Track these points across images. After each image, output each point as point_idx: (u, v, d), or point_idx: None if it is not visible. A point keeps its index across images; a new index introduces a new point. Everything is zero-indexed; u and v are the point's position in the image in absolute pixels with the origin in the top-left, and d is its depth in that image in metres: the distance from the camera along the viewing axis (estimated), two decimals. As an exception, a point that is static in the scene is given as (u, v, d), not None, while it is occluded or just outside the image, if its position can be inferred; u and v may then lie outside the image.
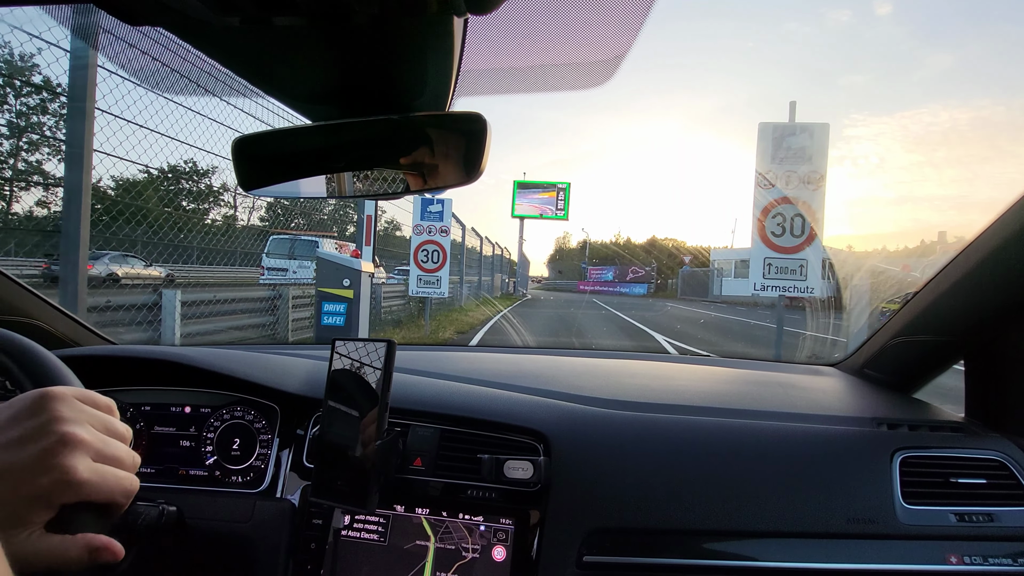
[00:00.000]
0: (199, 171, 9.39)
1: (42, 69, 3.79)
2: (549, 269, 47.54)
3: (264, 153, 0.60)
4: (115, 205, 4.36)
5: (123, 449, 0.47)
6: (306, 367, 1.02)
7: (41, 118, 7.12)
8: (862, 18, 56.35)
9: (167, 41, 0.42)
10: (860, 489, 0.79)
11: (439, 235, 6.74)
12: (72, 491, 0.41)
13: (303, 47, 0.43)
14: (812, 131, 4.90)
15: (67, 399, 0.44)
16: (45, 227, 6.53)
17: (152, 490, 0.89)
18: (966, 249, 0.84)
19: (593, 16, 0.45)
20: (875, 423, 0.91)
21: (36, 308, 1.08)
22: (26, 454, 0.40)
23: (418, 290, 6.79)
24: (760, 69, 71.52)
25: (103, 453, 0.44)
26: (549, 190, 28.46)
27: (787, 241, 4.91)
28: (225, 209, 11.69)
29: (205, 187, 9.88)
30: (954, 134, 46.61)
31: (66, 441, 0.41)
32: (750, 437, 0.86)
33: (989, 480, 0.82)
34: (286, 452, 0.91)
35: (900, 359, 1.08)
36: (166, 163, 4.23)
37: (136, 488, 0.46)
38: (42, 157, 8.06)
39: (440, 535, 0.80)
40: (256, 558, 0.81)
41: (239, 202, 10.58)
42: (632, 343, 8.87)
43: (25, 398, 0.43)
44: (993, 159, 48.73)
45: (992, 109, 50.94)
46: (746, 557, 0.75)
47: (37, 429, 0.41)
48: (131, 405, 0.95)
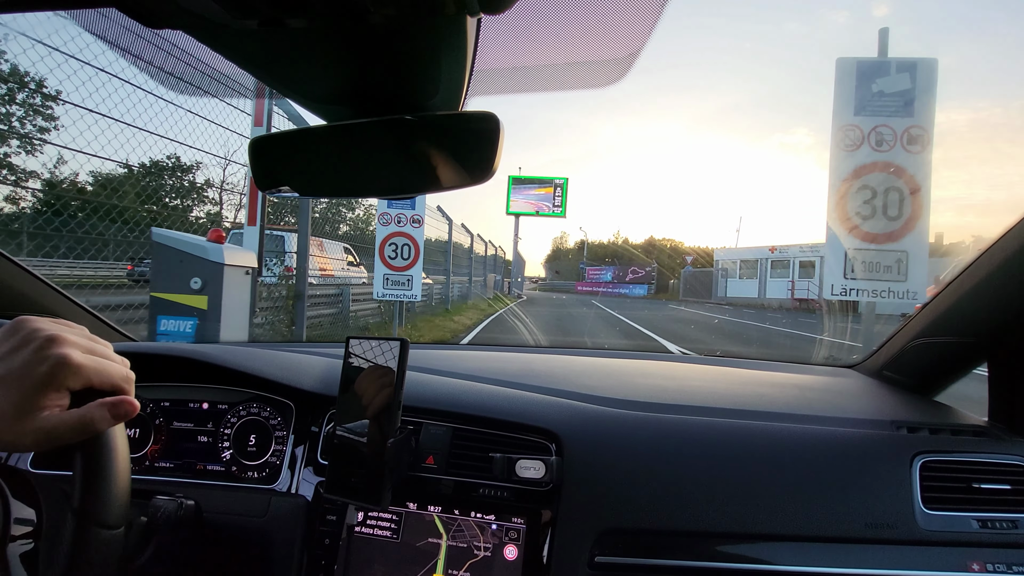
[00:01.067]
0: (183, 167, 9.21)
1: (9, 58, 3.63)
2: (546, 269, 47.54)
3: (279, 153, 0.61)
4: (89, 203, 4.11)
5: (108, 350, 0.54)
6: (321, 365, 1.03)
7: (9, 108, 6.73)
8: (860, 19, 55.76)
9: (184, 43, 0.43)
10: (878, 493, 0.78)
11: (410, 226, 5.46)
12: (72, 375, 0.47)
13: (318, 48, 0.43)
14: (914, 69, 3.42)
15: (42, 319, 0.50)
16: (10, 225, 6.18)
17: (170, 484, 0.91)
18: (990, 248, 0.82)
19: (607, 14, 0.45)
20: (894, 426, 0.89)
21: (58, 304, 1.11)
22: (20, 358, 0.46)
23: (384, 292, 5.43)
24: (758, 70, 70.82)
25: (90, 349, 0.51)
26: (546, 186, 27.96)
27: (879, 225, 3.43)
28: (209, 206, 11.61)
29: (188, 183, 9.71)
30: (952, 136, 45.60)
31: (53, 339, 0.47)
32: (765, 439, 0.84)
33: (1013, 486, 0.80)
34: (301, 449, 0.92)
35: (921, 361, 1.05)
36: (148, 159, 4.07)
37: (133, 377, 0.53)
38: (10, 150, 7.56)
39: (452, 533, 0.80)
40: (271, 552, 0.82)
41: (225, 199, 10.41)
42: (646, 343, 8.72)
43: (2, 325, 0.49)
44: (991, 161, 47.59)
45: (991, 111, 49.75)
46: (760, 560, 0.74)
47: (24, 339, 0.47)
48: (150, 401, 0.97)
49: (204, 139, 4.18)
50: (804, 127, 62.80)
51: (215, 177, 15.15)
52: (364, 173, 0.59)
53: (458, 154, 0.53)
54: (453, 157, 0.53)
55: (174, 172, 9.15)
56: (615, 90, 0.73)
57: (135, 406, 0.51)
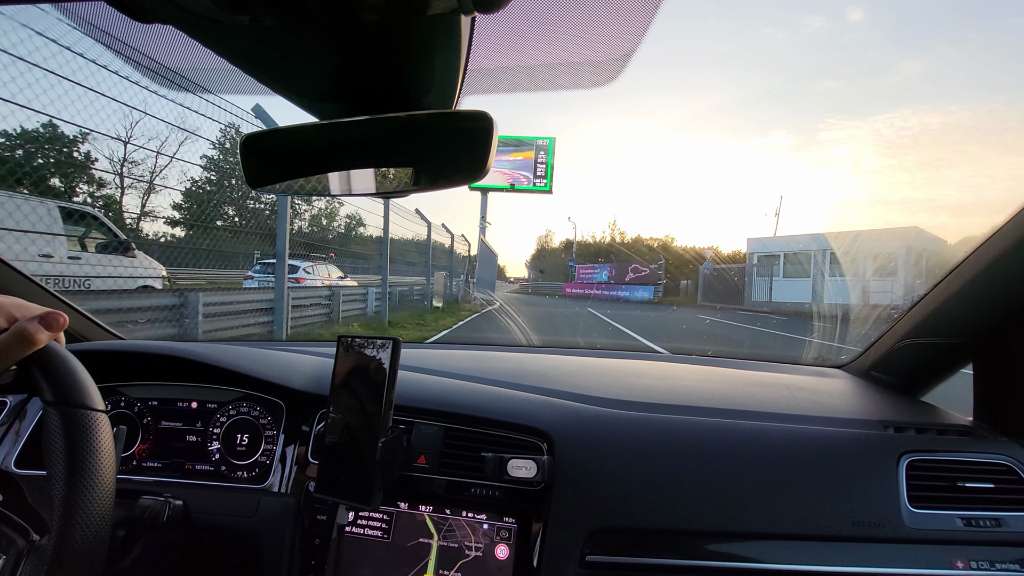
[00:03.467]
0: (66, 138, 8.33)
1: None
2: (529, 269, 41.23)
3: (271, 151, 0.60)
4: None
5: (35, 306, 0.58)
6: (312, 364, 1.03)
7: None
8: (836, 24, 56.24)
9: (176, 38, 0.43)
10: (866, 492, 0.79)
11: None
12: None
13: (311, 45, 0.43)
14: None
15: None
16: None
17: (158, 484, 0.90)
18: (976, 251, 0.83)
19: (601, 14, 0.45)
20: (882, 426, 0.90)
21: (47, 304, 1.09)
22: None
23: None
24: (736, 74, 71.31)
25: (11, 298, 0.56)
26: (525, 149, 19.27)
27: None
28: (108, 190, 10.64)
29: (65, 156, 8.96)
30: (925, 138, 46.53)
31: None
32: (755, 438, 0.85)
33: (997, 484, 0.81)
34: (291, 448, 0.91)
35: (908, 361, 1.07)
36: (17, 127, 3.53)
37: (62, 314, 0.57)
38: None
39: (443, 533, 0.80)
40: (261, 552, 0.82)
41: (126, 183, 9.59)
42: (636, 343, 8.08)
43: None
44: (962, 163, 48.53)
45: (961, 114, 50.60)
46: (749, 559, 0.75)
47: None
48: (138, 399, 0.96)
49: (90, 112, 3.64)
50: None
51: (107, 151, 13.30)
52: (356, 171, 0.59)
53: (451, 152, 0.53)
54: (446, 155, 0.53)
55: (51, 145, 8.16)
56: (609, 87, 0.70)
57: (64, 317, 0.56)
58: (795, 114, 64.43)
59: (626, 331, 10.11)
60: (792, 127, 65.13)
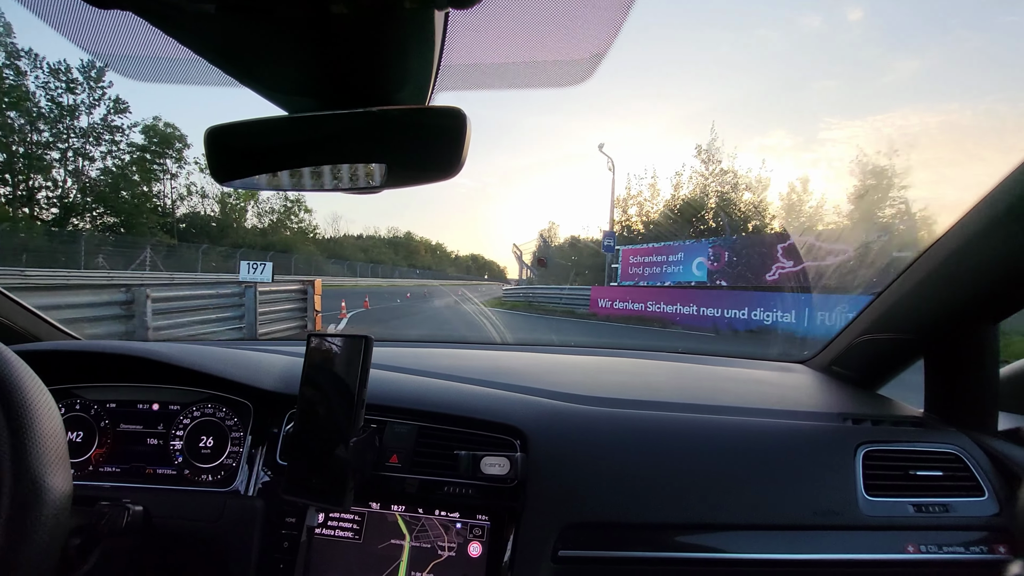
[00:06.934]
0: None
1: None
2: (519, 263, 22.69)
3: (239, 144, 0.58)
4: None
5: None
6: (281, 363, 1.00)
7: None
8: (834, 24, 57.58)
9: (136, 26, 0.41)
10: (825, 482, 0.82)
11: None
12: None
13: (281, 36, 0.42)
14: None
15: None
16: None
17: (117, 489, 0.86)
18: (928, 250, 0.87)
19: (574, 13, 0.45)
20: (841, 418, 0.94)
21: None
22: None
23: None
24: (735, 75, 72.53)
25: None
26: None
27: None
28: None
29: None
30: (924, 137, 48.35)
31: None
32: (722, 432, 0.88)
33: (945, 472, 0.86)
34: (259, 450, 0.89)
35: (866, 356, 1.11)
36: None
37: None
38: None
39: (416, 533, 0.80)
40: (226, 558, 0.79)
41: None
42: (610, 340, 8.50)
43: None
44: (961, 162, 50.75)
45: (960, 113, 52.61)
46: (716, 549, 0.77)
47: None
48: (95, 402, 0.92)
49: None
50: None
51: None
52: (327, 167, 0.58)
53: (424, 149, 0.52)
54: (419, 152, 0.53)
55: None
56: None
57: None
58: (794, 114, 64.98)
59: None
60: (792, 127, 65.63)
